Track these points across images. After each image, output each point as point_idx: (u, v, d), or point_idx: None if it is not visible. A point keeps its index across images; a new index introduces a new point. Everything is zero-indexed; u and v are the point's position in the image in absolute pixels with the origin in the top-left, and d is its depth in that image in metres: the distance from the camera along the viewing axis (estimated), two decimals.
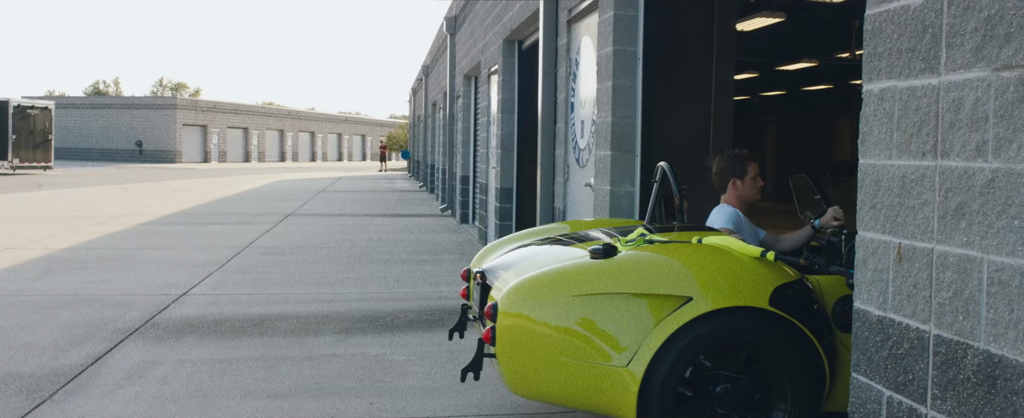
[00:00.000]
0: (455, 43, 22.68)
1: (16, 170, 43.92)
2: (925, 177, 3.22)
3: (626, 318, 4.46)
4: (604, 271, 4.59)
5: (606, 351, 4.45)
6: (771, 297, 4.48)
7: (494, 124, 15.51)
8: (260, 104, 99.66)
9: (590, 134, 8.69)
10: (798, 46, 20.81)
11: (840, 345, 4.69)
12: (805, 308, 4.58)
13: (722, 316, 4.48)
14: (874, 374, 3.53)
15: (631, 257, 4.70)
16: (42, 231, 16.66)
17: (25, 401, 5.93)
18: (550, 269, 4.75)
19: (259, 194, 31.15)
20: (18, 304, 9.26)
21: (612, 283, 4.53)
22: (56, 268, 11.88)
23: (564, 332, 4.51)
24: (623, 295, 4.50)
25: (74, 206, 23.45)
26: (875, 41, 3.52)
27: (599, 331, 4.47)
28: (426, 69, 36.69)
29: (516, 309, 4.60)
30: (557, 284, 4.61)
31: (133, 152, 77.89)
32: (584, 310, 4.51)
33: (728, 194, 6.09)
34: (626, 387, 4.43)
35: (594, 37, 8.43)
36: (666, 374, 4.41)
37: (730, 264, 4.62)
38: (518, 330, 4.58)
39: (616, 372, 4.44)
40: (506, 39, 13.89)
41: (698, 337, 4.44)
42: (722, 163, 6.14)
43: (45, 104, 46.27)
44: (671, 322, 4.42)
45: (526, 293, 4.62)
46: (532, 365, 4.58)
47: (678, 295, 4.47)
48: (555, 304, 4.55)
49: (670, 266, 4.61)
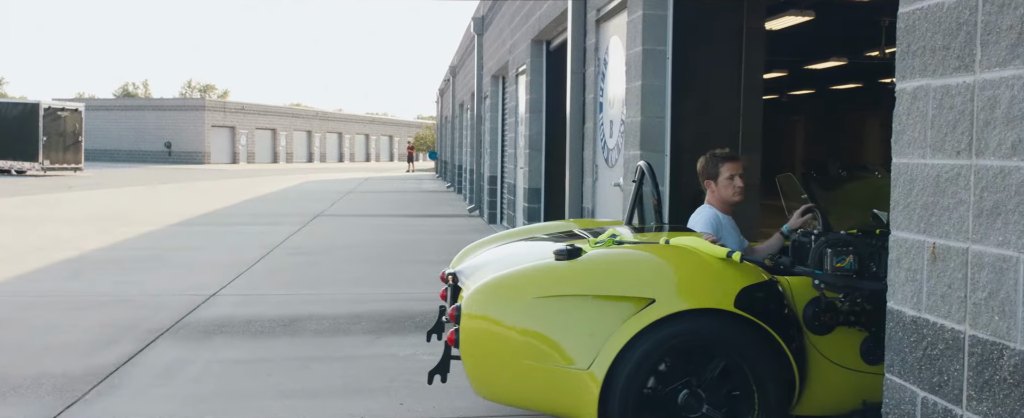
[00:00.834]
0: (482, 43, 22.69)
1: (47, 172, 44.25)
2: (960, 176, 3.20)
3: (588, 320, 4.41)
4: (566, 273, 4.54)
5: (568, 354, 4.39)
6: (736, 299, 4.42)
7: (522, 124, 15.51)
8: (288, 105, 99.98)
9: (619, 134, 8.67)
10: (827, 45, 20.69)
11: (811, 348, 4.63)
12: (773, 310, 4.52)
13: (686, 318, 4.41)
14: (908, 375, 3.50)
15: (594, 259, 4.64)
16: (73, 232, 16.78)
17: (58, 400, 5.98)
18: (513, 271, 4.71)
19: (287, 195, 31.27)
20: (50, 304, 9.33)
21: (574, 285, 4.48)
22: (87, 269, 11.96)
23: (526, 334, 4.46)
24: (585, 297, 4.45)
25: (104, 207, 23.61)
26: (909, 39, 3.50)
27: (561, 333, 4.42)
28: (453, 69, 36.72)
29: (478, 311, 4.55)
30: (519, 286, 4.57)
31: (162, 153, 78.31)
32: (546, 312, 4.45)
33: (708, 195, 5.98)
34: (588, 390, 4.36)
35: (623, 37, 8.41)
36: (628, 377, 4.35)
37: (694, 265, 4.57)
38: (481, 333, 4.54)
39: (578, 375, 4.38)
40: (534, 39, 13.89)
41: (661, 340, 4.38)
42: (699, 164, 6.05)
43: (75, 106, 46.56)
44: (633, 324, 4.36)
45: (488, 295, 4.58)
46: (495, 368, 4.55)
47: (641, 297, 4.41)
48: (517, 306, 4.50)
49: (633, 268, 4.58)
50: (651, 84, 7.56)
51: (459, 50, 33.94)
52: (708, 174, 5.92)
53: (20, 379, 6.48)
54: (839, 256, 4.45)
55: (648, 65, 7.54)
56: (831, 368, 4.66)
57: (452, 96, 38.59)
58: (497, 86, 21.00)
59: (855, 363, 4.67)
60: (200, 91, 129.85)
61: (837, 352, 4.66)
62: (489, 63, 21.61)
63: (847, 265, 4.44)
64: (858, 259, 4.45)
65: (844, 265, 4.44)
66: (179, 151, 78.18)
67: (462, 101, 33.65)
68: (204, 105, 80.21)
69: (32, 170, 43.57)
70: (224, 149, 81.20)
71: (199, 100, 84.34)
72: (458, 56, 34.71)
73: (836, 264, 4.43)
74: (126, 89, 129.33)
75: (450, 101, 40.76)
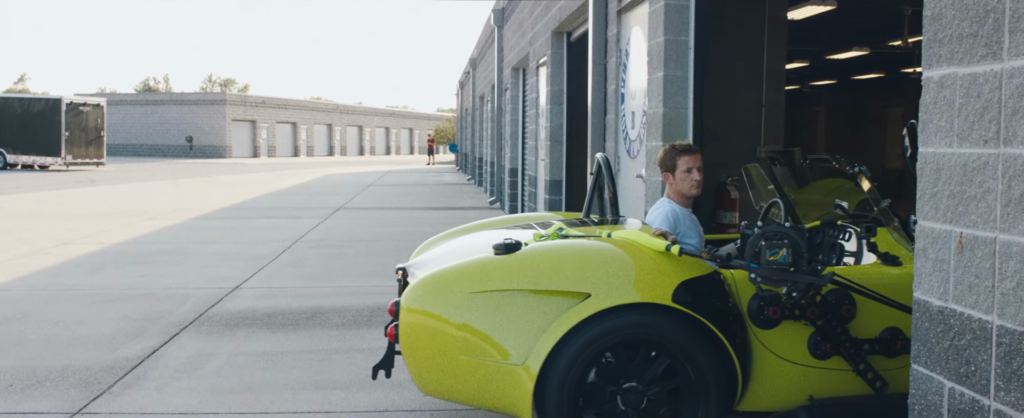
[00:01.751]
0: (503, 35, 22.67)
1: (69, 166, 44.48)
2: (987, 165, 3.17)
3: (523, 315, 4.38)
4: (503, 267, 4.50)
5: (504, 349, 4.37)
6: (674, 293, 4.38)
7: (543, 116, 15.50)
8: (308, 99, 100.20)
9: (641, 125, 8.65)
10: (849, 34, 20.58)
11: (757, 342, 4.56)
12: (713, 304, 4.47)
13: (621, 313, 4.37)
14: (935, 365, 3.48)
15: (532, 252, 4.58)
16: (96, 226, 16.86)
17: (83, 393, 6.01)
18: (451, 265, 4.67)
19: (308, 188, 31.34)
20: (74, 298, 9.37)
21: (510, 279, 4.44)
22: (110, 262, 12.01)
23: (462, 329, 4.43)
24: (521, 292, 4.42)
25: (126, 201, 23.71)
26: (935, 27, 3.47)
27: (497, 328, 4.39)
28: (474, 62, 36.72)
29: (417, 306, 4.52)
30: (456, 280, 4.52)
31: (183, 148, 78.58)
32: (482, 307, 4.42)
33: (666, 188, 5.91)
34: (522, 386, 4.34)
35: (645, 27, 8.39)
36: (563, 372, 4.32)
37: (631, 259, 4.51)
38: (419, 327, 4.51)
39: (513, 370, 4.36)
40: (554, 30, 13.87)
41: (597, 335, 4.34)
42: (659, 156, 5.97)
43: (97, 101, 46.76)
44: (567, 319, 4.33)
45: (426, 290, 4.55)
46: (434, 363, 4.51)
47: (576, 291, 4.38)
48: (453, 301, 4.46)
49: (569, 262, 4.51)
50: (673, 75, 7.53)
51: (479, 42, 33.94)
52: (666, 167, 5.83)
53: (46, 372, 6.51)
54: (773, 249, 4.34)
55: (670, 55, 7.52)
56: (778, 363, 4.58)
57: (472, 88, 38.60)
58: (518, 78, 20.98)
59: (802, 358, 4.60)
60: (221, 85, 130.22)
61: (784, 347, 4.59)
62: (509, 55, 21.59)
63: (781, 258, 4.33)
64: (793, 252, 4.35)
65: (778, 258, 4.33)
66: (200, 145, 78.41)
67: (482, 93, 33.65)
68: (225, 99, 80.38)
69: (55, 165, 43.81)
70: (245, 143, 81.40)
71: (220, 94, 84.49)
72: (478, 48, 34.70)
73: (769, 257, 4.34)
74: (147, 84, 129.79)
75: (470, 93, 40.78)
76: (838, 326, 4.54)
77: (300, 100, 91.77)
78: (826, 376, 4.62)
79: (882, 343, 4.62)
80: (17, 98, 47.43)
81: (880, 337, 4.64)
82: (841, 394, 4.63)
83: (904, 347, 4.60)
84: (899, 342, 4.62)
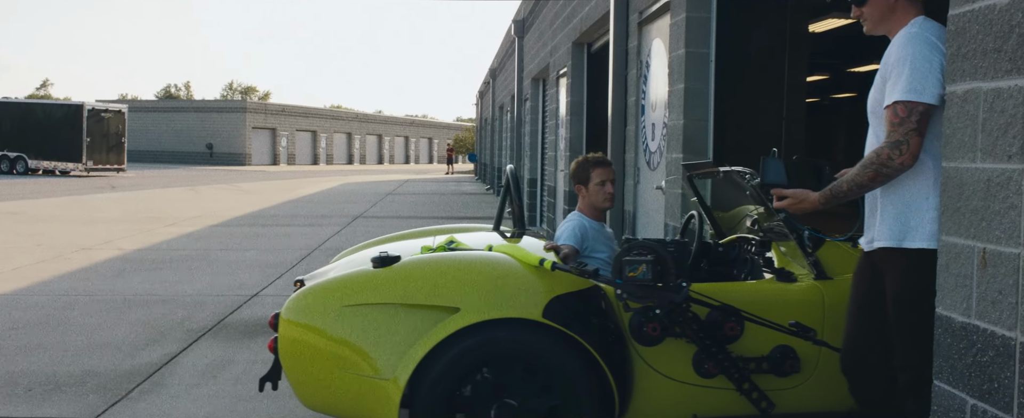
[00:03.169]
0: (523, 46, 22.69)
1: (90, 172, 44.71)
2: (1011, 181, 3.15)
3: (393, 329, 4.32)
4: (377, 281, 4.45)
5: (376, 363, 4.31)
6: (546, 309, 4.30)
7: (562, 127, 15.49)
8: (328, 107, 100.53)
9: (661, 137, 8.64)
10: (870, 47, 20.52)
11: (639, 359, 4.46)
12: (589, 321, 4.38)
13: (490, 328, 4.30)
14: (957, 382, 3.45)
15: (406, 266, 4.51)
16: (116, 232, 16.93)
17: (102, 399, 6.03)
18: (329, 278, 4.63)
19: (328, 196, 31.40)
20: (94, 303, 9.41)
21: (383, 293, 4.40)
22: (130, 268, 12.06)
23: (335, 342, 4.38)
24: (393, 305, 4.37)
25: (146, 208, 23.81)
26: (959, 42, 3.45)
27: (368, 342, 4.33)
28: (493, 72, 36.77)
29: (294, 318, 4.49)
30: (331, 294, 4.48)
31: (204, 155, 78.92)
32: (355, 320, 4.38)
33: (579, 201, 5.83)
34: (390, 401, 4.28)
35: (666, 39, 8.38)
36: (431, 388, 4.26)
37: (503, 274, 4.43)
38: (296, 341, 4.47)
39: (382, 385, 4.30)
40: (575, 41, 13.87)
41: (465, 350, 4.27)
42: (571, 168, 5.89)
43: (118, 107, 46.99)
44: (435, 333, 4.27)
45: (302, 303, 4.51)
46: (311, 377, 4.46)
47: (446, 306, 4.32)
48: (327, 314, 4.42)
49: (440, 276, 4.43)
50: (694, 87, 7.52)
51: (499, 53, 33.98)
52: (579, 179, 5.77)
53: (65, 377, 6.54)
54: (632, 265, 4.27)
55: (691, 68, 7.50)
56: (661, 380, 4.48)
57: (492, 98, 38.64)
58: (537, 89, 20.99)
59: (687, 376, 4.49)
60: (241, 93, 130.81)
61: (667, 364, 4.48)
62: (529, 66, 21.60)
63: (640, 274, 4.25)
64: (654, 268, 4.26)
65: (637, 274, 4.26)
66: (220, 152, 78.74)
67: (502, 103, 33.68)
68: (245, 107, 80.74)
69: (76, 171, 44.04)
70: (265, 151, 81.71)
71: (240, 102, 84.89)
72: (498, 59, 34.75)
73: (629, 273, 4.27)
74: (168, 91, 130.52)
75: (490, 103, 40.82)
76: (714, 345, 4.41)
77: (320, 108, 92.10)
78: (712, 395, 4.50)
79: (771, 362, 4.49)
80: (39, 104, 47.80)
81: (770, 356, 4.51)
82: (727, 414, 4.52)
83: (793, 366, 4.49)
84: (788, 361, 4.49)
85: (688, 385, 4.49)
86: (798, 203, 3.98)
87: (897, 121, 3.63)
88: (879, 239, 3.89)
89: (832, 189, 3.91)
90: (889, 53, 3.82)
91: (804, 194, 3.96)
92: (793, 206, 3.99)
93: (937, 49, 3.67)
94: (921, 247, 3.76)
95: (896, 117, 3.64)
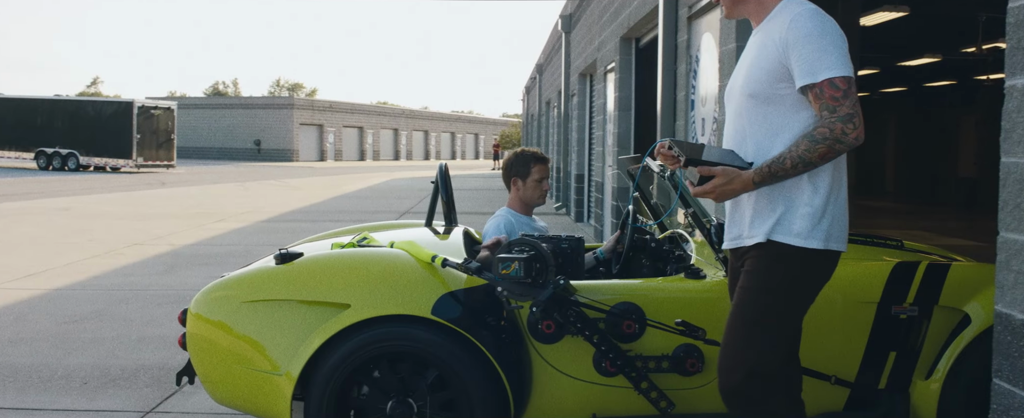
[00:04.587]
0: (570, 41, 22.64)
1: (140, 169, 45.14)
2: None
3: (289, 325, 4.34)
4: (276, 277, 4.47)
5: (272, 359, 4.33)
6: (435, 305, 4.28)
7: (610, 122, 15.44)
8: (375, 103, 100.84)
9: (711, 132, 8.58)
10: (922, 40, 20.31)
11: (537, 357, 4.40)
12: (482, 318, 4.34)
13: (379, 325, 4.29)
14: (1017, 380, 3.40)
15: (304, 263, 4.52)
16: (167, 228, 17.08)
17: (156, 392, 6.08)
18: (233, 274, 4.66)
19: (374, 192, 31.52)
20: (146, 298, 9.50)
21: (282, 289, 4.41)
22: (181, 263, 12.16)
23: (236, 338, 4.41)
24: (291, 301, 4.38)
25: (196, 203, 24.01)
26: (1019, 34, 3.39)
27: (267, 338, 4.35)
28: (540, 67, 36.71)
29: (199, 312, 4.51)
30: (232, 289, 4.51)
31: (251, 151, 79.46)
32: (253, 316, 4.40)
33: (511, 195, 5.75)
34: (283, 396, 4.30)
35: (715, 33, 8.32)
36: (323, 383, 4.26)
37: (394, 270, 4.40)
38: (200, 336, 4.50)
39: (275, 381, 4.32)
40: (623, 36, 13.80)
41: (355, 346, 4.27)
42: (508, 160, 5.80)
43: (168, 105, 47.39)
44: (326, 329, 4.28)
45: (206, 298, 4.53)
46: (215, 371, 4.49)
47: (338, 302, 4.33)
48: (228, 310, 4.45)
49: (333, 272, 4.43)
50: None
51: (546, 48, 33.93)
52: (517, 172, 5.70)
53: (119, 371, 6.60)
54: (505, 263, 4.23)
55: None
56: (560, 378, 4.41)
57: (539, 94, 38.59)
58: (585, 84, 20.94)
59: (587, 374, 4.40)
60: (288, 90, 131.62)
61: (567, 362, 4.40)
62: (577, 61, 21.55)
63: (512, 272, 4.21)
64: (527, 265, 4.21)
65: (510, 272, 4.22)
66: (268, 149, 79.24)
67: (549, 99, 33.62)
68: (293, 104, 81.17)
69: (126, 167, 44.48)
70: (312, 147, 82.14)
71: (288, 99, 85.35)
72: (545, 54, 34.70)
73: (502, 271, 4.23)
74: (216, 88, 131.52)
75: (537, 99, 40.77)
76: (604, 343, 4.32)
77: (366, 105, 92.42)
78: (612, 394, 4.42)
79: (673, 361, 4.37)
80: (90, 101, 48.30)
81: (672, 355, 4.38)
82: (627, 413, 4.44)
83: (696, 366, 4.36)
84: (690, 361, 4.36)
85: (588, 383, 4.42)
86: (727, 183, 3.51)
87: (839, 95, 3.31)
88: (749, 235, 3.62)
89: (771, 166, 3.43)
90: (775, 31, 3.52)
91: (733, 172, 3.50)
92: (721, 187, 3.52)
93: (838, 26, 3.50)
94: (789, 242, 3.49)
95: (837, 91, 3.33)
